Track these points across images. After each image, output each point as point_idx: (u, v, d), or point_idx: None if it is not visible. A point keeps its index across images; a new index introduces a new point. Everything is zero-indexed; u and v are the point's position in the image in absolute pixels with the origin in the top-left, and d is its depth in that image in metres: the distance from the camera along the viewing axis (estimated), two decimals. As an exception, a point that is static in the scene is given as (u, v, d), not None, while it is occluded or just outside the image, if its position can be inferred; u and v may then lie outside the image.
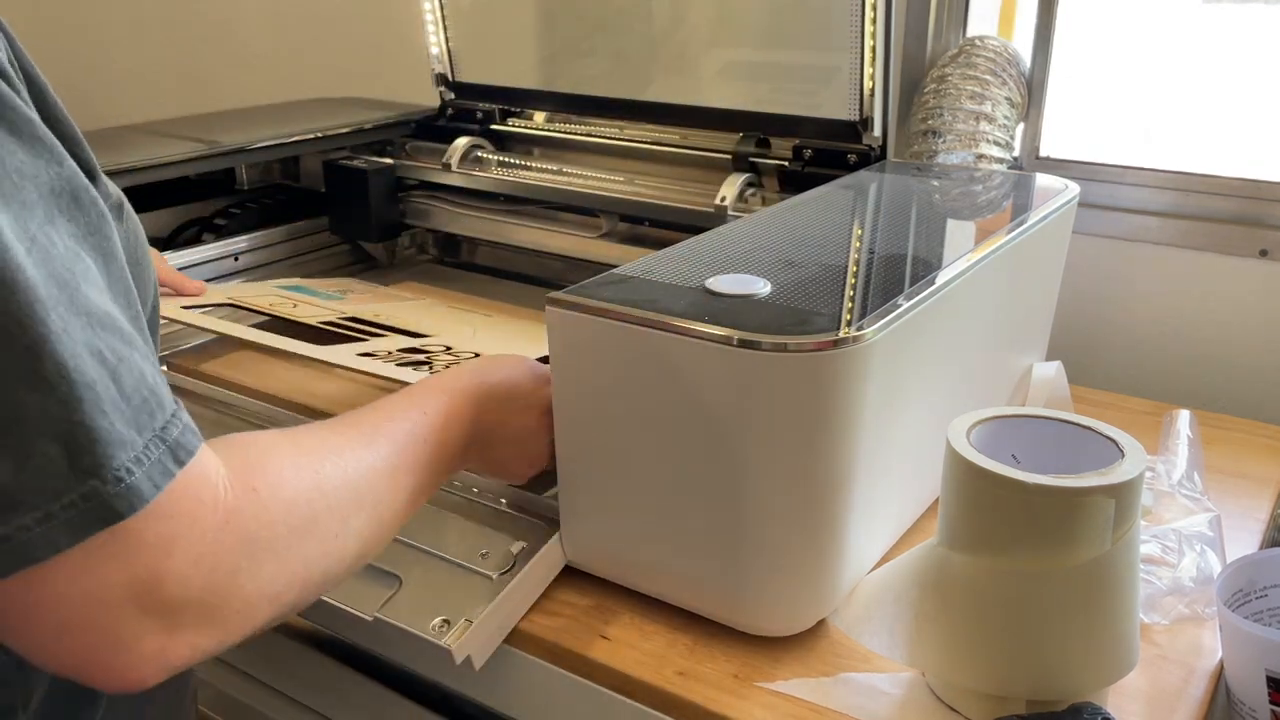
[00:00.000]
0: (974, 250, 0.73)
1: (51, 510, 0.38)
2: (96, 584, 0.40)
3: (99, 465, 0.39)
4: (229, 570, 0.44)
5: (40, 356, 0.38)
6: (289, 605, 0.48)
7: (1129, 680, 0.59)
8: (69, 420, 0.38)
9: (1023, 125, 1.09)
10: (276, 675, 0.84)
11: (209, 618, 0.44)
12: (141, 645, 0.42)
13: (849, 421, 0.59)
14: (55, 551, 0.39)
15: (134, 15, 1.90)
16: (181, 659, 0.43)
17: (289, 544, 0.47)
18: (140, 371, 0.42)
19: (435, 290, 1.17)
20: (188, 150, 1.08)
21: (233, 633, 0.45)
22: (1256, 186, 0.99)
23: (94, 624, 0.41)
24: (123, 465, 0.40)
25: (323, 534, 0.49)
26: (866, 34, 0.92)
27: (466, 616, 0.64)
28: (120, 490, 0.39)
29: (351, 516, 0.51)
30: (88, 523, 0.39)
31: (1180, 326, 1.05)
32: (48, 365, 0.38)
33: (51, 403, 0.38)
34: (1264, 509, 0.81)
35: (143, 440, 0.41)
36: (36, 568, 0.39)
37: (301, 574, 0.48)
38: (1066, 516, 0.53)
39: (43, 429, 0.38)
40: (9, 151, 0.40)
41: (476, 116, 1.24)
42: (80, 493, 0.39)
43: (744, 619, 0.65)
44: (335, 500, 0.50)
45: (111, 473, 0.39)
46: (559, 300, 0.62)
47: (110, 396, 0.40)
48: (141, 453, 0.40)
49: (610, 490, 0.65)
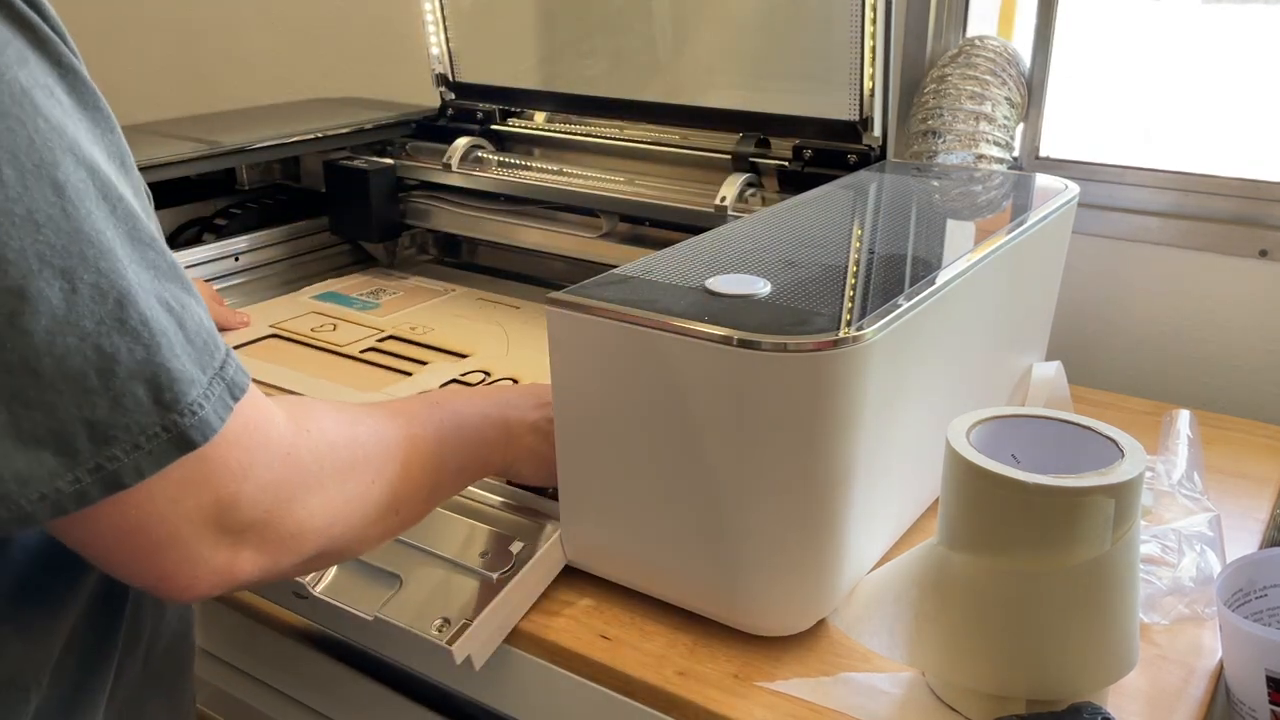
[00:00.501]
0: (974, 250, 0.73)
1: (139, 442, 0.43)
2: (180, 506, 0.46)
3: (176, 401, 0.44)
4: (288, 498, 0.50)
5: (126, 307, 0.43)
6: (332, 540, 0.54)
7: (1129, 680, 0.59)
8: (152, 363, 0.44)
9: (1022, 125, 1.09)
10: (276, 675, 0.84)
11: (269, 540, 0.50)
12: (214, 560, 0.48)
13: (849, 421, 0.59)
14: (140, 478, 0.44)
15: (134, 15, 1.90)
16: (243, 575, 0.49)
17: (335, 481, 0.53)
18: (199, 316, 0.47)
19: (447, 286, 1.19)
20: (188, 150, 1.08)
21: (285, 558, 0.51)
22: (1256, 186, 0.99)
23: (175, 539, 0.46)
24: (195, 401, 0.45)
25: (360, 478, 0.56)
26: (866, 34, 0.92)
27: (466, 616, 0.64)
28: (195, 423, 0.45)
29: (385, 468, 0.57)
30: (168, 452, 0.44)
31: (1180, 326, 1.05)
32: (133, 315, 0.43)
33: (138, 348, 0.43)
34: (1264, 509, 0.81)
35: (206, 378, 0.46)
36: (125, 493, 0.44)
37: (344, 511, 0.54)
38: (1066, 516, 0.53)
39: (132, 372, 0.43)
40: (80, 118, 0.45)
41: (477, 116, 1.24)
42: (162, 425, 0.44)
43: (744, 619, 0.65)
44: (369, 452, 0.57)
45: (186, 407, 0.44)
46: (559, 300, 0.62)
47: (180, 340, 0.45)
48: (207, 389, 0.46)
49: (610, 490, 0.65)
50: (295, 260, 1.22)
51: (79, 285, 0.42)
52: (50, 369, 0.41)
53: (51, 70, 0.44)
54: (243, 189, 1.27)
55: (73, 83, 0.44)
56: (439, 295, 1.15)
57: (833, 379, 0.57)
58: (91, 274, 0.42)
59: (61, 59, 0.44)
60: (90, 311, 0.42)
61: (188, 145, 1.10)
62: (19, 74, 0.42)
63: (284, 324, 1.05)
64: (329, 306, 1.10)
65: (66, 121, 0.43)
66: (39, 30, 0.43)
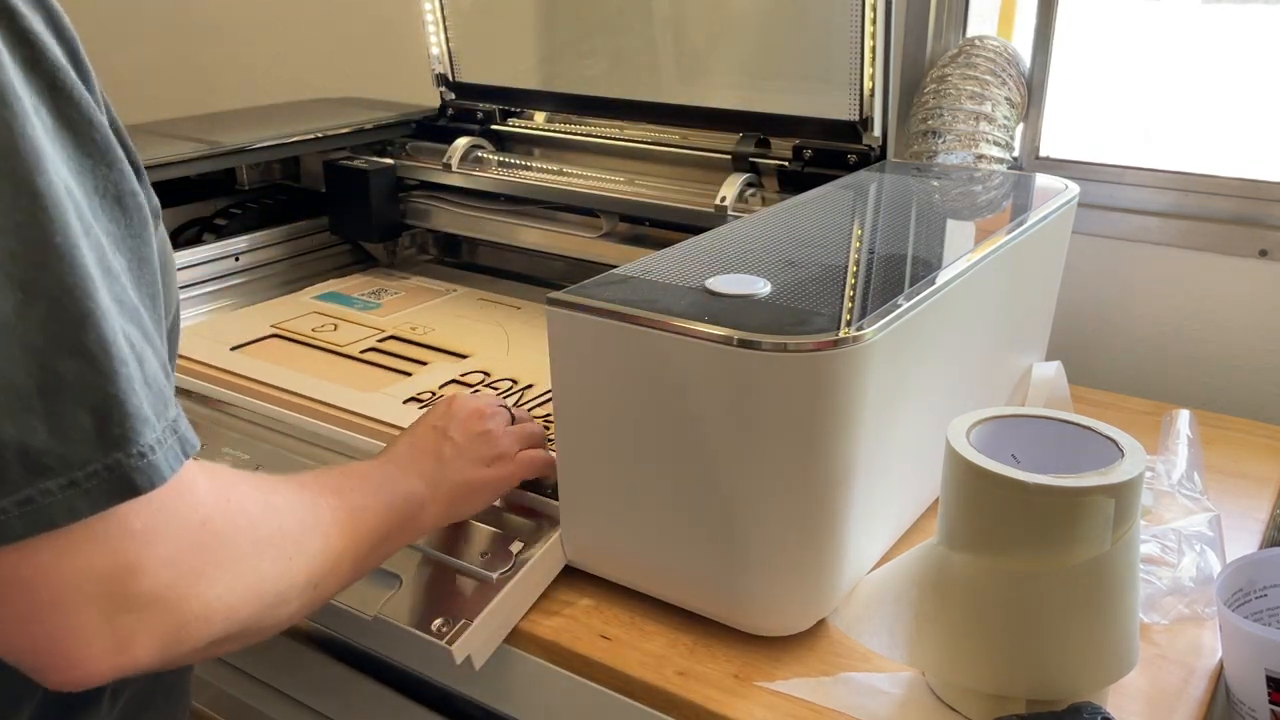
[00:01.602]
0: (974, 250, 0.73)
1: (76, 477, 0.40)
2: (80, 565, 0.41)
3: (126, 439, 0.41)
4: (195, 572, 0.45)
5: (85, 328, 0.40)
6: (239, 624, 0.48)
7: (1129, 680, 0.59)
8: (105, 391, 0.40)
9: (1022, 125, 1.09)
10: (276, 675, 0.84)
11: (166, 619, 0.44)
12: (101, 638, 0.42)
13: (849, 421, 0.59)
14: (74, 519, 0.40)
15: (134, 15, 1.90)
16: (130, 661, 0.43)
17: (248, 556, 0.48)
18: (155, 367, 0.44)
19: (448, 286, 1.19)
20: (188, 150, 1.08)
21: (184, 641, 0.45)
22: (1256, 186, 0.99)
23: (65, 606, 0.41)
24: (147, 443, 0.41)
25: (276, 554, 0.50)
26: (866, 34, 0.92)
27: (466, 616, 0.64)
28: (142, 465, 0.41)
29: (305, 542, 0.53)
30: (108, 494, 0.40)
31: (1180, 326, 1.05)
32: (91, 337, 0.40)
33: (91, 372, 0.40)
34: (1264, 509, 0.81)
35: (160, 426, 0.42)
36: (32, 540, 0.39)
37: (256, 589, 0.48)
38: (1066, 516, 0.53)
39: (79, 396, 0.40)
40: (63, 144, 0.42)
41: (477, 116, 1.24)
42: (105, 463, 0.40)
43: (744, 619, 0.65)
44: (289, 524, 0.52)
45: (136, 447, 0.41)
46: (559, 300, 0.62)
47: (139, 378, 0.42)
48: (161, 435, 0.42)
49: (610, 490, 0.65)
50: (295, 260, 1.22)
51: (34, 298, 0.39)
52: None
53: (43, 91, 0.42)
54: (243, 189, 1.27)
55: (65, 109, 0.42)
56: (440, 295, 1.15)
57: (833, 379, 0.57)
58: (54, 288, 0.39)
59: (57, 82, 0.42)
60: (44, 326, 0.39)
61: (188, 145, 1.10)
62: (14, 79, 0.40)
63: (285, 324, 1.05)
64: (330, 306, 1.10)
65: (45, 142, 0.41)
66: (37, 48, 0.42)
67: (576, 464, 0.66)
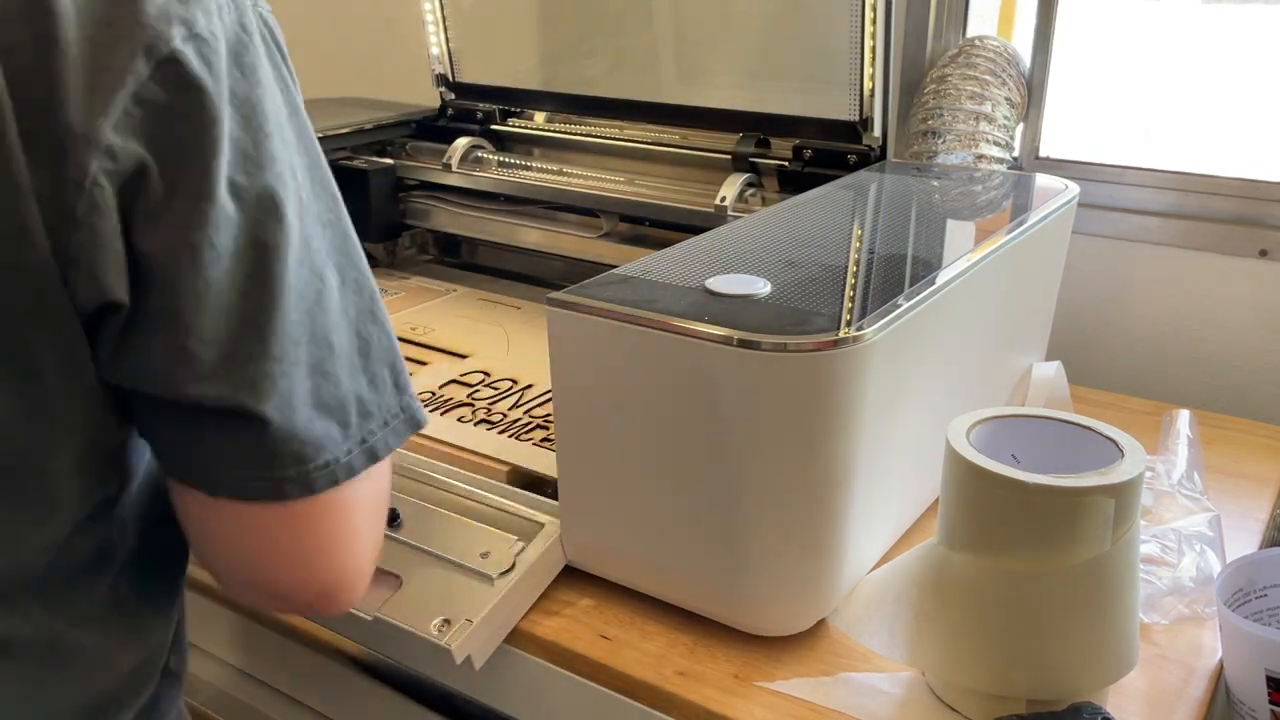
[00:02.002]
0: (974, 250, 0.73)
1: (386, 419, 0.49)
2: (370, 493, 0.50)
3: (407, 387, 0.51)
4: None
5: (376, 301, 0.50)
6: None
7: (1129, 680, 0.59)
8: (394, 350, 0.51)
9: (1022, 125, 1.09)
10: (276, 675, 0.84)
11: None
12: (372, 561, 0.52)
13: (849, 421, 0.59)
14: (388, 452, 0.49)
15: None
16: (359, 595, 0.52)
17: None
18: None
19: (448, 286, 1.19)
20: (188, 150, 1.08)
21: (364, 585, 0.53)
22: (1256, 186, 0.99)
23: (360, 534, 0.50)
24: (414, 392, 0.52)
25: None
26: (866, 34, 0.92)
27: (466, 616, 0.64)
28: (418, 407, 0.51)
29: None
30: (405, 431, 0.50)
31: (1180, 326, 1.05)
32: (379, 308, 0.50)
33: (384, 336, 0.50)
34: (1264, 509, 0.81)
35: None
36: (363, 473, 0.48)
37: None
38: (1066, 516, 0.53)
39: (382, 356, 0.50)
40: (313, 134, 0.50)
41: (476, 117, 1.24)
42: (401, 405, 0.50)
43: (744, 619, 0.65)
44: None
45: (412, 394, 0.51)
46: (559, 300, 0.62)
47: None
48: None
49: (610, 490, 0.65)
50: (295, 260, 1.22)
51: (346, 278, 0.48)
52: (340, 345, 0.47)
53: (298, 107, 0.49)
54: (243, 189, 1.27)
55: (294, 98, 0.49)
56: (440, 295, 1.15)
57: (833, 379, 0.58)
58: (354, 271, 0.49)
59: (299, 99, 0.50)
60: (354, 301, 0.49)
61: (188, 145, 1.09)
62: (299, 101, 0.48)
63: None
64: None
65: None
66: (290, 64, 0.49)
67: (576, 464, 0.66)
